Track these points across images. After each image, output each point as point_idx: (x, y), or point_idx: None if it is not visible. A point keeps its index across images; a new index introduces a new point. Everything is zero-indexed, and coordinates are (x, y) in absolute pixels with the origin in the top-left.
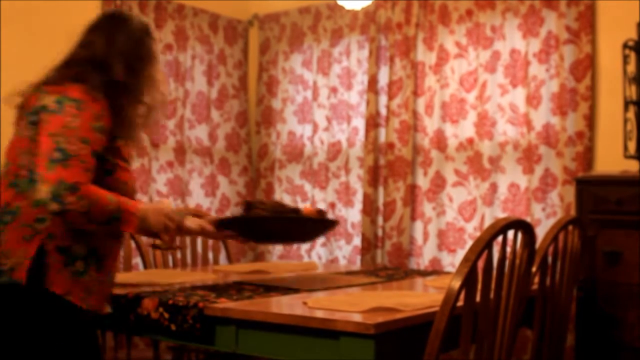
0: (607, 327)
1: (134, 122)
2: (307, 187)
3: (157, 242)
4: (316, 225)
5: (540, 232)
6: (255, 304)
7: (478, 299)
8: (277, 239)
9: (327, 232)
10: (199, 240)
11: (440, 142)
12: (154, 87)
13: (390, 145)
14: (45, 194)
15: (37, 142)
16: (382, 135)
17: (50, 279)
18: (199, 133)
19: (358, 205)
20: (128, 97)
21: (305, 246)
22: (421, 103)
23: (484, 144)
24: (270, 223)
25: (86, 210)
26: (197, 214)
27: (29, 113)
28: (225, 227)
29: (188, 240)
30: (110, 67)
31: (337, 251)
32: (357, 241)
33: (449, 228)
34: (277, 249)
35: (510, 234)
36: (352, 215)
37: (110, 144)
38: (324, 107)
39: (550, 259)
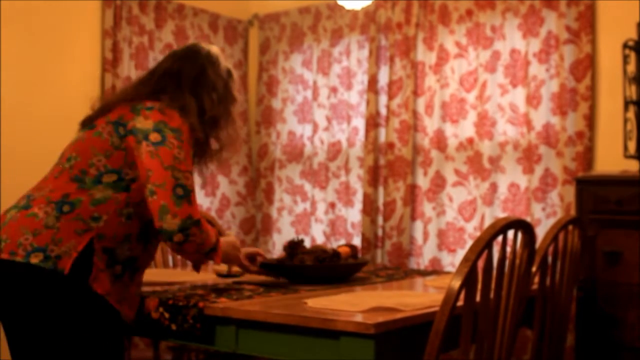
0: (607, 327)
1: (209, 154)
2: (307, 187)
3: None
4: (352, 268)
5: (540, 232)
6: (255, 304)
7: (478, 298)
8: (315, 282)
9: (359, 271)
10: None
11: (440, 142)
12: (231, 125)
13: (390, 145)
14: (175, 226)
15: (136, 161)
16: (382, 135)
17: (94, 276)
18: None
19: (358, 205)
20: (211, 130)
21: None
22: (421, 103)
23: (484, 144)
24: (312, 270)
25: (201, 242)
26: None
27: (117, 123)
28: (267, 268)
29: None
30: (202, 100)
31: None
32: (357, 241)
33: (449, 228)
34: (277, 248)
35: (510, 233)
36: (352, 215)
37: None
38: (324, 107)
39: (550, 259)
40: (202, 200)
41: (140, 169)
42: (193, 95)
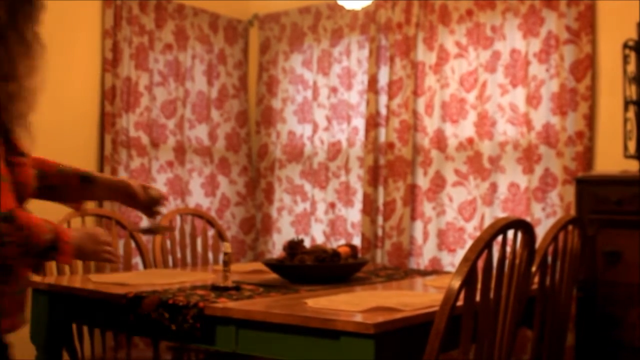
0: (607, 327)
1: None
2: (307, 187)
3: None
4: (352, 267)
5: (540, 232)
6: (255, 304)
7: (478, 298)
8: (315, 282)
9: (359, 270)
10: (199, 240)
11: (440, 142)
12: (32, 58)
13: (390, 145)
14: None
15: None
16: (382, 135)
17: None
18: (199, 133)
19: (358, 205)
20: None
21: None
22: (421, 103)
23: (484, 144)
24: (312, 270)
25: (24, 242)
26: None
27: None
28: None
29: (188, 239)
30: None
31: None
32: (357, 241)
33: (448, 228)
34: (277, 248)
35: (510, 233)
36: (352, 215)
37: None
38: (324, 107)
39: (550, 259)
40: (202, 200)
41: None
42: None
